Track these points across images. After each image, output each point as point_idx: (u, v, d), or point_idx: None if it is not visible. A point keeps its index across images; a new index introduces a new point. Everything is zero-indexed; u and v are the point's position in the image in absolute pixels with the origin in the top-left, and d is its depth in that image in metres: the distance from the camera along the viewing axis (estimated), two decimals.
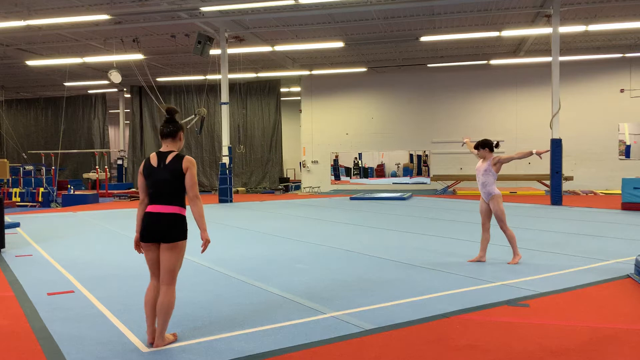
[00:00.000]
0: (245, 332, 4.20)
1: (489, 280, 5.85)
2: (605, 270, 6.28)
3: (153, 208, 3.88)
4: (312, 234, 10.10)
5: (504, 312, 4.70)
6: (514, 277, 5.98)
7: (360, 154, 23.42)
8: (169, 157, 3.92)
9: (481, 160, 6.91)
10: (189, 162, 3.90)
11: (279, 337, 4.08)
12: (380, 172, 23.40)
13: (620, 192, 14.03)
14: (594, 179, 21.31)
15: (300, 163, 25.42)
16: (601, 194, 19.06)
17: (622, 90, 21.50)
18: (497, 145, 6.91)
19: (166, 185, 3.87)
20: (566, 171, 18.88)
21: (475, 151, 6.93)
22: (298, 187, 24.70)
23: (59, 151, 21.85)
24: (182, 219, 3.92)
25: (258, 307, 4.95)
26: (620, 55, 20.84)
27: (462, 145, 7.19)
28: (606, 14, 16.38)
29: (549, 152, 6.85)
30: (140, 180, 4.00)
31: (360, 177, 23.42)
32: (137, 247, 4.04)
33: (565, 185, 19.16)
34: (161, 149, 4.02)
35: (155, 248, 3.91)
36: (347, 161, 23.48)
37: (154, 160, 3.95)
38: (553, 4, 14.97)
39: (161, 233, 3.84)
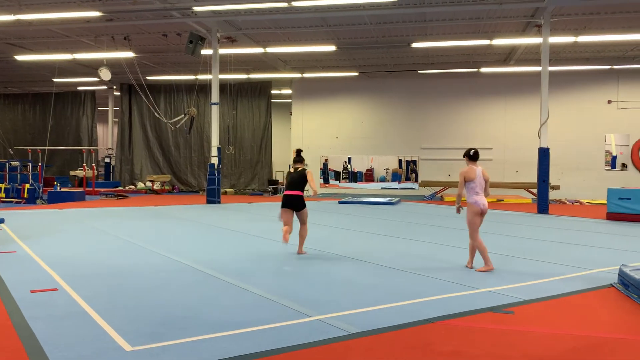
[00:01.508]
0: (230, 334, 4.18)
1: (475, 286, 5.88)
2: (589, 279, 6.33)
3: (289, 192, 7.82)
4: None
5: (488, 318, 4.72)
6: (500, 284, 6.01)
7: (349, 158, 23.46)
8: (299, 168, 7.99)
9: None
10: (309, 171, 7.97)
11: (264, 339, 4.07)
12: (369, 176, 23.47)
13: (605, 202, 14.17)
14: (580, 189, 21.51)
15: (289, 165, 25.34)
16: (587, 204, 19.25)
17: (609, 102, 21.76)
18: (474, 155, 6.93)
19: (296, 180, 7.87)
20: (553, 180, 19.03)
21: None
22: None
23: (46, 147, 21.66)
24: (303, 197, 7.85)
25: (243, 309, 4.94)
26: (609, 66, 21.08)
27: None
28: (595, 26, 16.58)
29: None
30: (286, 180, 8.08)
31: (349, 181, 23.46)
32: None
33: (552, 194, 19.32)
34: (295, 166, 8.08)
35: (290, 211, 7.80)
36: (336, 165, 23.52)
37: (292, 170, 8.08)
38: (544, 14, 15.11)
39: (295, 205, 7.78)
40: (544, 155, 15.51)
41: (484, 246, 6.83)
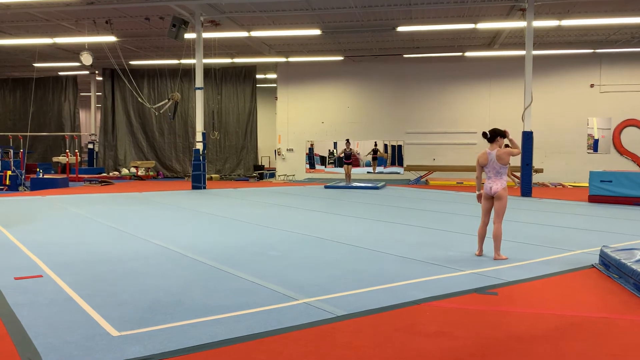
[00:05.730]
0: (217, 318, 4.19)
1: (459, 268, 5.95)
2: (571, 260, 6.43)
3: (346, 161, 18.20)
4: (286, 221, 10.11)
5: (473, 299, 4.79)
6: (484, 265, 6.09)
7: (335, 143, 23.46)
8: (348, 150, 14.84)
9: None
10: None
11: (251, 322, 4.09)
12: (355, 161, 23.50)
13: (587, 185, 14.36)
14: (563, 172, 21.75)
15: (275, 151, 25.33)
16: (569, 187, 19.48)
17: (592, 85, 21.94)
18: (488, 136, 6.59)
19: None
20: (536, 163, 19.22)
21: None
22: (273, 175, 24.63)
23: (28, 134, 21.35)
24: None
25: (230, 293, 4.95)
26: (591, 50, 21.22)
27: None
28: (579, 10, 16.64)
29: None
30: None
31: (335, 166, 23.49)
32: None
33: (535, 178, 19.51)
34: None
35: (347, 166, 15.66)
36: (322, 150, 23.52)
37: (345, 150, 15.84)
38: None
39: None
40: (527, 138, 15.63)
41: (479, 232, 6.70)
